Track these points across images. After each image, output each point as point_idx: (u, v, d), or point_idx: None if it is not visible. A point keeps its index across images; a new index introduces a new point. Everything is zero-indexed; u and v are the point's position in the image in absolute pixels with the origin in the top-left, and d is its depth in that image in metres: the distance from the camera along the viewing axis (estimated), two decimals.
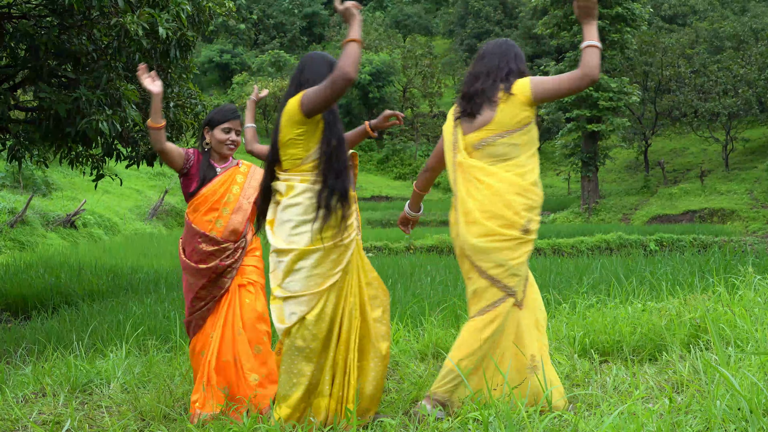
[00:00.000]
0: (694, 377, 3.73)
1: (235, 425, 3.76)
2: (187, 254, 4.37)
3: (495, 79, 3.82)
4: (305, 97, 3.65)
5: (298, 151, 3.74)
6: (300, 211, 3.71)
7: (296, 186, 3.73)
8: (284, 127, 3.74)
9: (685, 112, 37.74)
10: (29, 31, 7.72)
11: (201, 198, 4.36)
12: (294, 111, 3.69)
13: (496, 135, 3.76)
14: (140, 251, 19.17)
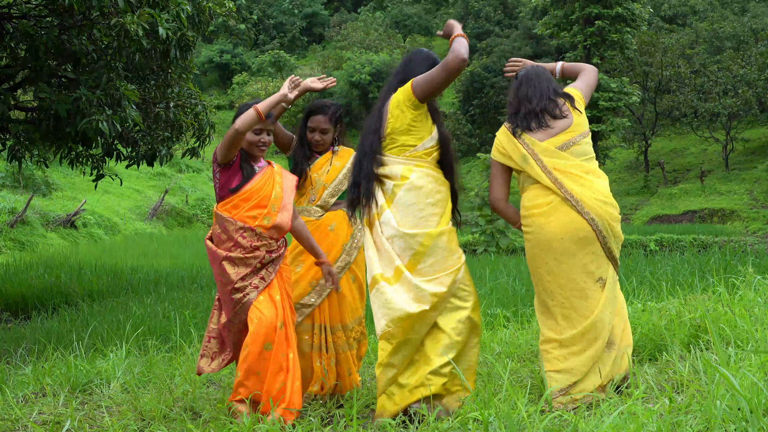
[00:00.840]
0: (694, 377, 3.73)
1: (236, 425, 3.76)
2: (226, 250, 4.14)
3: (550, 97, 4.19)
4: (416, 83, 3.90)
5: (411, 139, 3.97)
6: (425, 193, 3.92)
7: (414, 170, 3.94)
8: (395, 115, 3.96)
9: (685, 113, 37.74)
10: (29, 31, 7.71)
11: (246, 194, 4.16)
12: (407, 97, 3.93)
13: (580, 135, 4.14)
14: (140, 251, 19.18)
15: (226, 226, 4.15)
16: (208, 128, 10.30)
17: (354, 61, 52.39)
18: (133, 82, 9.43)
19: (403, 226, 3.88)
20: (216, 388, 4.88)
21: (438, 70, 3.83)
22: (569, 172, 4.03)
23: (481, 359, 4.90)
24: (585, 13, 33.07)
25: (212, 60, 60.94)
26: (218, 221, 4.19)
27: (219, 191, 4.23)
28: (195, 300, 9.56)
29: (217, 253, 4.14)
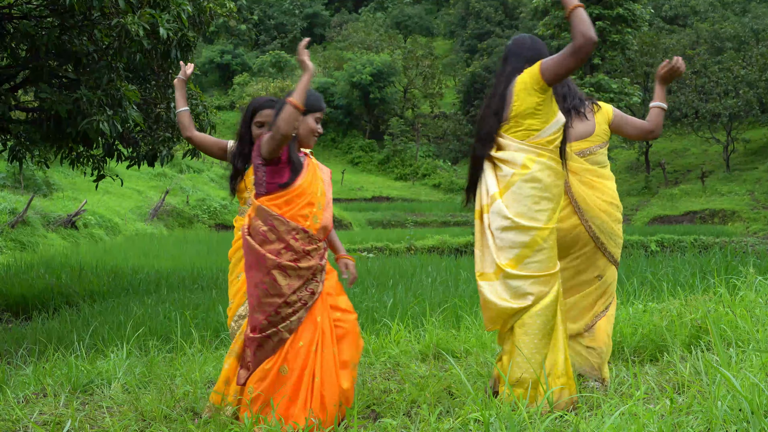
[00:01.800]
0: (695, 378, 3.73)
1: (236, 425, 3.76)
2: (275, 253, 3.81)
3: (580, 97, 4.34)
4: (545, 65, 3.75)
5: (536, 122, 3.80)
6: (543, 187, 3.76)
7: (537, 160, 3.77)
8: (521, 97, 3.79)
9: (686, 113, 37.74)
10: (30, 31, 7.72)
11: (299, 190, 3.87)
12: (535, 79, 3.76)
13: (598, 146, 4.30)
14: (141, 252, 19.17)
15: (275, 225, 3.83)
16: (209, 129, 10.30)
17: (355, 61, 52.42)
18: (133, 82, 9.44)
19: (519, 217, 3.73)
20: None
21: (567, 55, 3.68)
22: (582, 176, 4.25)
23: (481, 359, 4.90)
24: None
25: (213, 60, 60.99)
26: (264, 218, 3.85)
27: (265, 185, 3.89)
28: (196, 300, 9.56)
29: (267, 259, 3.80)
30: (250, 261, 3.86)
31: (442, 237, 24.09)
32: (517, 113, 3.80)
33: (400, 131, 51.95)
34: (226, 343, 6.59)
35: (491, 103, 3.88)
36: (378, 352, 5.54)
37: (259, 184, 3.92)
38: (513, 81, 3.85)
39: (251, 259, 3.85)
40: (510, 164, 3.78)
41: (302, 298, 3.83)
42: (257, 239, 3.84)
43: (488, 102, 3.92)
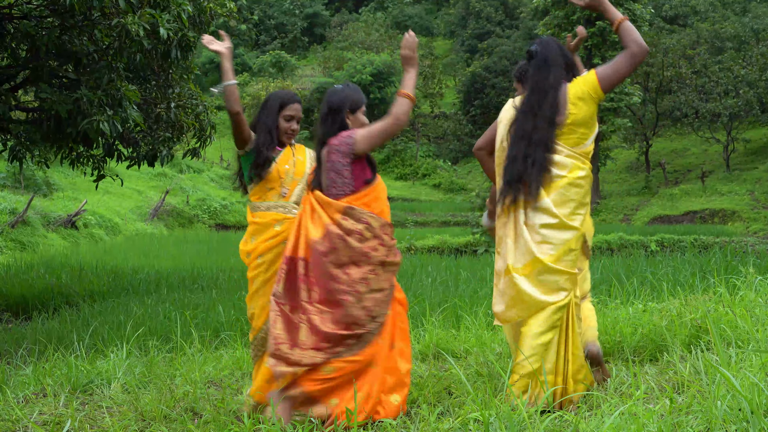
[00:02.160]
0: (695, 378, 3.73)
1: (236, 425, 3.76)
2: (373, 250, 3.89)
3: None
4: (602, 74, 3.88)
5: (587, 131, 3.94)
6: (582, 194, 3.92)
7: (582, 167, 3.92)
8: (578, 106, 3.89)
9: (686, 113, 37.74)
10: (30, 31, 7.72)
11: (380, 185, 4.03)
12: (593, 88, 3.89)
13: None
14: (141, 252, 19.18)
15: (370, 222, 3.90)
16: (209, 129, 10.30)
17: (355, 61, 52.41)
18: (134, 82, 9.43)
19: (566, 217, 3.86)
20: (217, 389, 4.88)
21: (622, 63, 3.83)
22: None
23: (481, 359, 4.90)
24: (585, 14, 33.09)
25: (213, 60, 60.89)
26: (357, 217, 3.90)
27: (353, 184, 3.94)
28: (196, 300, 9.57)
29: (371, 256, 3.88)
30: (344, 259, 3.87)
31: (442, 237, 24.09)
32: (573, 121, 3.90)
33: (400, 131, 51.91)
34: (225, 343, 6.59)
35: (545, 110, 3.89)
36: None
37: (344, 184, 3.95)
38: (561, 88, 3.92)
39: (351, 256, 3.87)
40: (560, 167, 3.90)
41: (391, 290, 3.98)
42: (355, 237, 3.87)
43: (534, 108, 3.92)
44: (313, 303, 3.89)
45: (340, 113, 4.05)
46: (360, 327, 3.85)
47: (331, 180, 3.95)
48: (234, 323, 7.49)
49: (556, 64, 3.96)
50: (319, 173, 4.06)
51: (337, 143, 3.95)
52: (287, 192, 4.30)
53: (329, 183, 3.96)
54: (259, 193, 4.30)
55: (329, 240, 3.87)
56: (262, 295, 4.22)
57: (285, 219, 4.25)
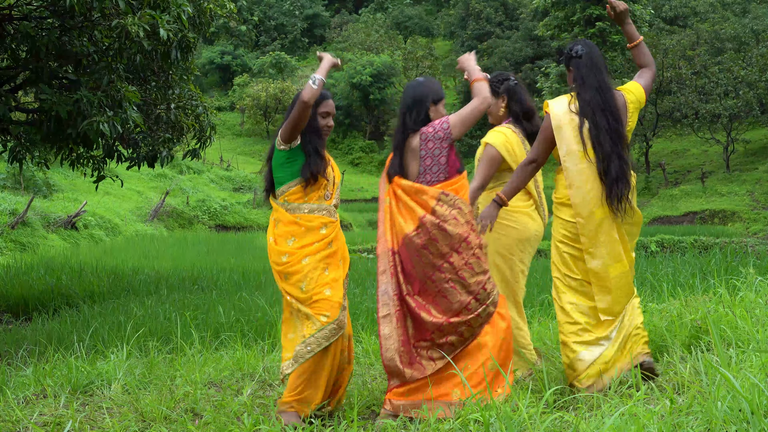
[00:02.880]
0: (695, 378, 3.73)
1: (237, 425, 3.76)
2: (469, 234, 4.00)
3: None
4: (647, 88, 4.27)
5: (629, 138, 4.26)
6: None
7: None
8: (634, 117, 4.25)
9: (686, 114, 37.72)
10: (30, 32, 7.72)
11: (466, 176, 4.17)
12: (642, 99, 4.26)
13: None
14: (141, 253, 19.17)
15: (462, 208, 4.01)
16: (209, 129, 10.29)
17: (355, 62, 52.43)
18: (133, 83, 9.42)
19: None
20: (217, 390, 4.88)
21: (652, 80, 4.30)
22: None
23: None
24: (586, 15, 33.14)
25: (213, 61, 61.00)
26: (451, 203, 3.99)
27: (447, 170, 4.05)
28: (196, 301, 9.56)
29: (471, 240, 3.98)
30: (444, 249, 3.94)
31: None
32: (629, 129, 4.22)
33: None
34: (226, 344, 6.59)
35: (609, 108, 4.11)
36: (378, 353, 5.54)
37: (439, 171, 4.05)
38: (615, 92, 4.19)
39: (451, 244, 3.94)
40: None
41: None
42: (451, 224, 3.96)
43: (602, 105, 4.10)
44: (413, 295, 3.98)
45: (424, 104, 4.16)
46: (470, 312, 3.92)
47: (427, 167, 4.06)
48: (234, 324, 7.49)
49: (603, 65, 4.23)
50: (400, 161, 4.16)
51: (433, 131, 4.06)
52: (330, 195, 4.22)
53: (423, 170, 4.06)
54: (300, 194, 4.13)
55: (426, 231, 3.95)
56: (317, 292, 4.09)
57: (330, 223, 4.16)
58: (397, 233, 4.03)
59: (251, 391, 4.72)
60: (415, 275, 3.98)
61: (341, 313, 4.02)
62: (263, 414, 4.13)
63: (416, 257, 3.95)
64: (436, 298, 3.94)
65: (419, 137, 4.08)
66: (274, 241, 4.13)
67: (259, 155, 49.61)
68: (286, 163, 4.12)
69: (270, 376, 5.11)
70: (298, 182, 4.12)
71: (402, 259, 4.02)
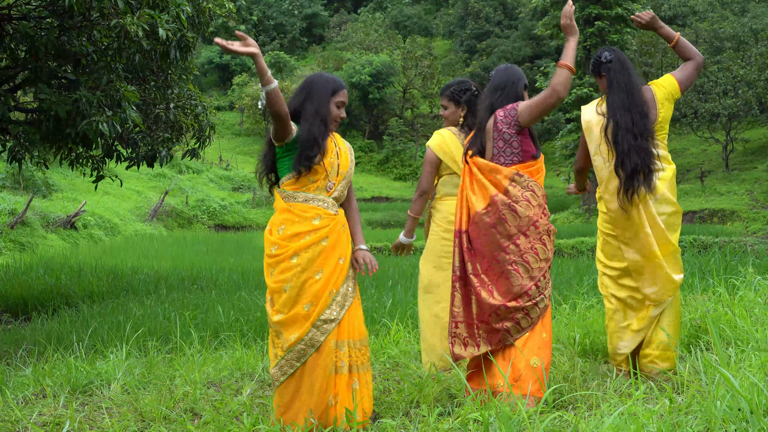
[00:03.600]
0: (695, 378, 3.73)
1: (236, 425, 3.76)
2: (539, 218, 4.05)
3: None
4: (681, 79, 4.42)
5: (668, 129, 4.45)
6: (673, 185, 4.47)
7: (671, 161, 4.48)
8: (666, 106, 4.40)
9: (685, 113, 37.74)
10: (29, 32, 7.71)
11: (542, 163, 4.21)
12: (675, 90, 4.42)
13: None
14: (140, 252, 19.17)
15: (534, 191, 4.05)
16: (208, 129, 10.29)
17: (354, 62, 52.43)
18: (133, 83, 9.42)
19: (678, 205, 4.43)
20: (216, 390, 4.88)
21: (695, 70, 4.44)
22: None
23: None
24: (585, 14, 33.09)
25: (212, 61, 60.97)
26: (524, 185, 4.02)
27: (520, 154, 4.10)
28: (195, 301, 9.56)
29: (539, 225, 4.02)
30: (512, 230, 3.98)
31: None
32: (663, 119, 4.37)
33: (399, 131, 51.94)
34: (225, 344, 6.59)
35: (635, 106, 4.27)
36: (377, 352, 5.54)
37: (512, 154, 4.09)
38: (646, 89, 4.38)
39: (519, 226, 3.98)
40: (663, 159, 4.38)
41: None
42: (522, 205, 3.99)
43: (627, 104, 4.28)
44: (478, 275, 4.02)
45: (515, 86, 4.23)
46: (529, 299, 3.93)
47: (500, 149, 4.11)
48: (233, 324, 7.49)
49: (632, 67, 4.36)
50: (479, 141, 4.19)
51: (503, 115, 4.12)
52: (332, 186, 3.96)
53: (497, 152, 4.11)
54: (298, 185, 3.93)
55: (496, 210, 3.99)
56: (295, 303, 3.78)
57: (326, 215, 3.88)
58: (469, 212, 4.11)
59: (250, 390, 4.71)
60: (483, 253, 4.02)
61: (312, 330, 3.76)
62: (262, 414, 4.13)
63: (485, 236, 4.00)
64: (500, 279, 3.97)
65: (493, 119, 4.15)
66: (269, 231, 3.94)
67: (258, 155, 49.59)
68: (284, 157, 3.96)
69: (269, 376, 5.11)
70: (294, 174, 3.92)
71: (471, 238, 4.08)
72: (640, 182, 4.21)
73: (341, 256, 3.90)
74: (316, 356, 3.75)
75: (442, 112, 4.98)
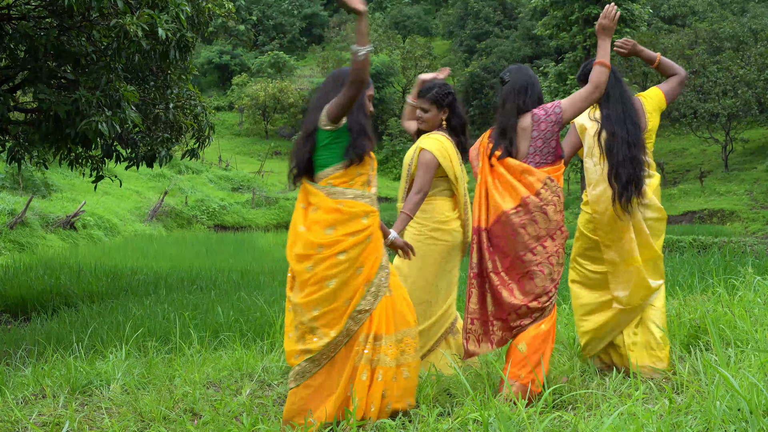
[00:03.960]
0: (694, 378, 3.73)
1: (236, 425, 3.76)
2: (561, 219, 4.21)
3: None
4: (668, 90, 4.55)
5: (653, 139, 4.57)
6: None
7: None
8: (654, 116, 4.54)
9: (685, 113, 37.71)
10: (29, 32, 7.72)
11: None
12: (662, 101, 4.59)
13: None
14: (140, 252, 19.17)
15: (560, 195, 4.13)
16: (207, 129, 10.29)
17: None
18: (132, 83, 9.43)
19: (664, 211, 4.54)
20: (216, 390, 4.88)
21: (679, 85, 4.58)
22: None
23: (480, 359, 4.90)
24: (584, 14, 33.10)
25: (212, 61, 60.94)
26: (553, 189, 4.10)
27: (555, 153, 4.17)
28: (195, 301, 9.56)
29: (564, 230, 4.15)
30: (542, 232, 4.07)
31: None
32: (651, 128, 4.52)
33: (398, 132, 51.92)
34: (225, 344, 6.58)
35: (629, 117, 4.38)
36: None
37: (548, 153, 4.14)
38: (636, 99, 4.52)
39: (549, 229, 4.08)
40: (650, 167, 4.46)
41: None
42: (551, 209, 4.08)
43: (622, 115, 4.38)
44: (498, 272, 4.07)
45: (537, 87, 4.29)
46: (548, 299, 4.06)
47: (537, 148, 4.12)
48: (233, 324, 7.49)
49: (622, 78, 4.45)
50: (507, 142, 4.16)
51: (545, 113, 4.13)
52: (372, 181, 3.93)
53: (534, 150, 4.12)
54: (346, 178, 3.83)
55: (527, 211, 4.04)
56: (336, 298, 3.76)
57: (372, 213, 3.86)
58: (493, 210, 4.11)
59: (250, 391, 4.71)
60: (507, 252, 4.07)
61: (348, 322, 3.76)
62: (262, 414, 4.13)
63: (512, 235, 4.04)
64: (522, 278, 4.04)
65: (531, 118, 4.15)
66: (306, 230, 3.80)
67: (258, 155, 49.61)
68: (331, 144, 3.82)
69: (269, 376, 5.11)
70: (344, 164, 3.82)
71: (491, 236, 4.11)
72: (633, 191, 4.30)
73: (378, 248, 3.90)
74: (347, 347, 3.79)
75: (423, 115, 4.90)
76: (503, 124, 4.19)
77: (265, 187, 37.93)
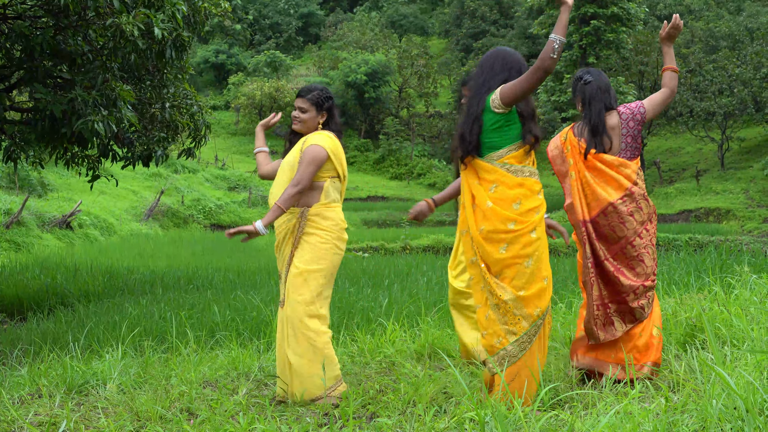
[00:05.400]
0: (690, 376, 3.73)
1: (232, 425, 3.76)
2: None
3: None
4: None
5: None
6: None
7: None
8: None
9: (681, 112, 37.78)
10: (24, 31, 7.70)
11: None
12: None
13: None
14: (136, 252, 19.15)
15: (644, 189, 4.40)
16: (203, 129, 10.27)
17: (350, 61, 52.40)
18: (128, 82, 9.40)
19: None
20: (212, 389, 4.88)
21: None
22: None
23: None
24: (581, 13, 33.15)
25: (208, 60, 60.92)
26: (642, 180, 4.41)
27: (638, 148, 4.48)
28: (191, 300, 9.55)
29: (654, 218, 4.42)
30: (644, 216, 4.36)
31: (437, 236, 24.10)
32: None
33: (395, 131, 51.96)
34: (221, 344, 6.58)
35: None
36: (373, 351, 5.54)
37: (635, 149, 4.45)
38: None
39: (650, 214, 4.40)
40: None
41: None
42: (647, 196, 4.42)
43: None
44: (608, 259, 4.30)
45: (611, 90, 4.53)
46: (653, 279, 4.34)
47: (627, 144, 4.43)
48: (229, 323, 7.48)
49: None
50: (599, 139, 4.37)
51: (631, 112, 4.45)
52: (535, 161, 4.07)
53: (625, 146, 4.42)
54: (519, 157, 3.95)
55: (633, 200, 4.33)
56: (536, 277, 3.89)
57: (542, 189, 4.08)
58: (594, 203, 4.32)
59: (247, 390, 4.71)
60: (612, 239, 4.32)
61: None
62: (258, 413, 4.13)
63: (620, 224, 4.30)
64: (632, 261, 4.31)
65: (618, 116, 4.44)
66: (494, 205, 3.90)
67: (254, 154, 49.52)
68: (503, 127, 3.92)
69: (265, 376, 5.11)
70: (520, 146, 3.94)
71: (596, 227, 4.33)
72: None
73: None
74: (546, 325, 3.99)
75: (300, 115, 4.77)
76: (595, 122, 4.40)
77: (262, 186, 37.90)
